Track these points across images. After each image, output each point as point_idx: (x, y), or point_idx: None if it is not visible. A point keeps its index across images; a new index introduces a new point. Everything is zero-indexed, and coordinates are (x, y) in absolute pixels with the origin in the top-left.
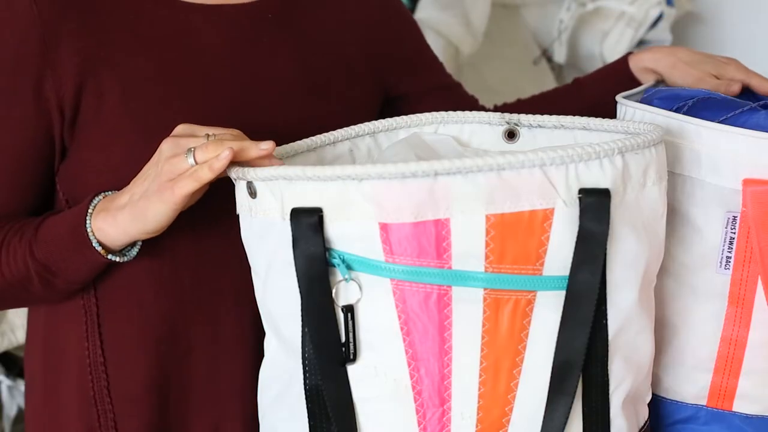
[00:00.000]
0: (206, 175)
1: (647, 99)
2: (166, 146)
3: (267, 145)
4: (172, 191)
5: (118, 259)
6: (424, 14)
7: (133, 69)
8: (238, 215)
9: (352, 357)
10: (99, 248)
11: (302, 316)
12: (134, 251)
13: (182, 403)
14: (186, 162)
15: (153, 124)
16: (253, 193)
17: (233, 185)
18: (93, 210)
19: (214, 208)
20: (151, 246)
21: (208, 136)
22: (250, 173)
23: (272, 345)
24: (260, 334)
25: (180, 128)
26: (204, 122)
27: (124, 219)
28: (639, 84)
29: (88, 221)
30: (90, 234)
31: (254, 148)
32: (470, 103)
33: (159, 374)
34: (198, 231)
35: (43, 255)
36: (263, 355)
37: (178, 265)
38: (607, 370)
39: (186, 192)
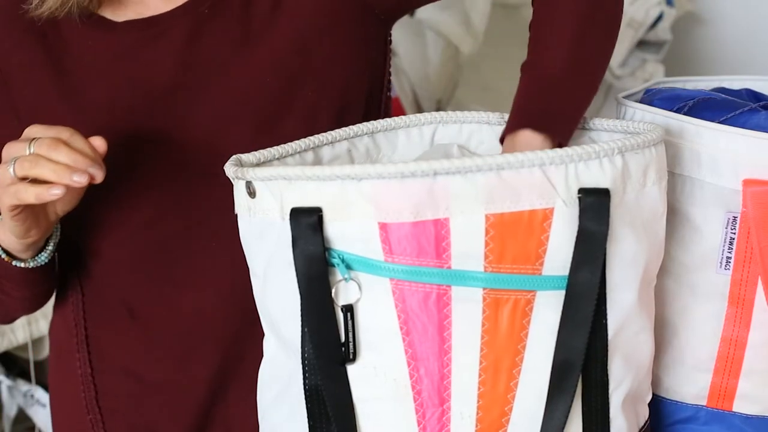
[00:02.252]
0: (29, 199)
1: (647, 99)
2: (3, 151)
3: (81, 178)
4: (1, 201)
5: (23, 264)
6: (424, 14)
7: (82, 98)
8: (227, 213)
9: (351, 357)
10: (3, 255)
11: (302, 316)
12: (43, 257)
13: (210, 399)
14: (7, 172)
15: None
16: (252, 193)
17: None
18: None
19: (201, 206)
20: (130, 250)
21: (32, 142)
22: (250, 173)
23: (271, 345)
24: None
25: (26, 130)
26: (164, 138)
27: (2, 227)
28: None
29: None
30: None
31: (68, 177)
32: None
33: (165, 378)
34: (185, 230)
35: None
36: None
37: (161, 264)
38: (606, 369)
39: (7, 204)
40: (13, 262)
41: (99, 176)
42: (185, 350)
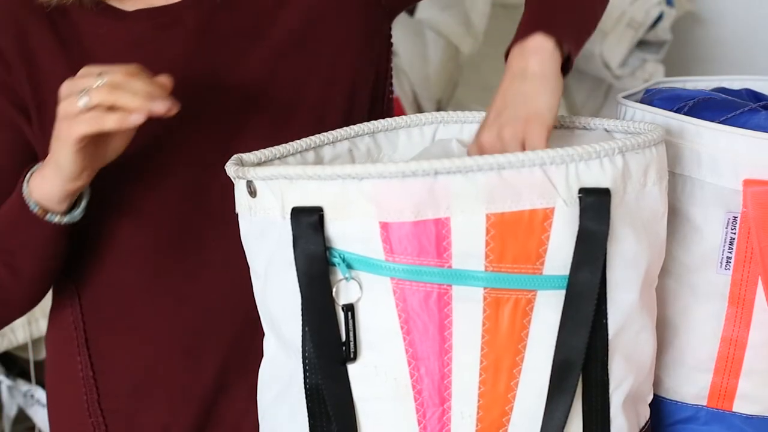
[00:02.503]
0: (110, 125)
1: (647, 99)
2: (63, 87)
3: (160, 106)
4: (68, 131)
5: (57, 219)
6: (424, 14)
7: None
8: (229, 210)
9: (352, 356)
10: (36, 209)
11: (302, 315)
12: (76, 213)
13: (197, 401)
14: (77, 103)
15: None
16: (252, 193)
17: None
18: (30, 175)
19: (211, 199)
20: (132, 246)
21: (100, 74)
22: (250, 172)
23: (272, 344)
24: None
25: (82, 70)
26: (174, 131)
27: (49, 170)
28: None
29: (24, 185)
30: (27, 196)
31: (148, 104)
32: None
33: (169, 374)
34: (194, 222)
35: None
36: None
37: (163, 262)
38: (607, 369)
39: (80, 133)
40: (47, 217)
41: (174, 109)
42: (190, 346)
